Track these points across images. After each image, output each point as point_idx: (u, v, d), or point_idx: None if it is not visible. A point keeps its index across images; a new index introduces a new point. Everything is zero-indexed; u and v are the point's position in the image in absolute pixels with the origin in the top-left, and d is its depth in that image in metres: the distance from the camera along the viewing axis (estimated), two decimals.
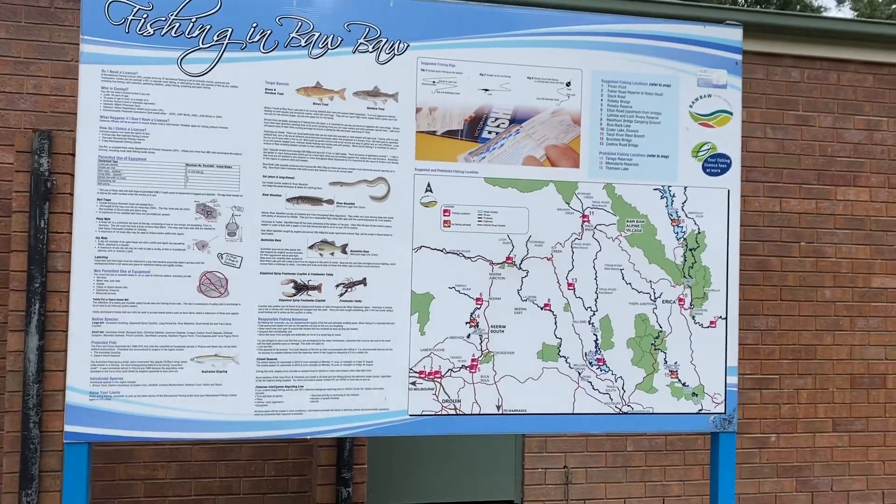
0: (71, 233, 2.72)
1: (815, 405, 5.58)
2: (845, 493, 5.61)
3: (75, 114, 2.65)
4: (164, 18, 2.63)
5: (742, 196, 5.50)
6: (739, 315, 5.39)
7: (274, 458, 4.84)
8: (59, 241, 3.84)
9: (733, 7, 5.66)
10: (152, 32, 2.63)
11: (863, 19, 6.01)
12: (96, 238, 2.59)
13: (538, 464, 5.24)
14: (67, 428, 2.56)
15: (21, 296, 3.87)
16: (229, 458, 4.77)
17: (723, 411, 2.98)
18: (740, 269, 5.41)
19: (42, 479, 3.84)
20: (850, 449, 5.63)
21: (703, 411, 2.97)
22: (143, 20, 2.62)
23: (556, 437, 5.26)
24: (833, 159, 5.64)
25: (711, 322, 2.98)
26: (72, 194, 3.11)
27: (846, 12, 24.04)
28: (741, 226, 5.41)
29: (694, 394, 2.96)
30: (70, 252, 2.94)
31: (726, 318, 3.00)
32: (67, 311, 2.78)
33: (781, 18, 5.58)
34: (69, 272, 2.69)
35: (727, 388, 2.99)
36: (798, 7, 20.60)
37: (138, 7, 2.61)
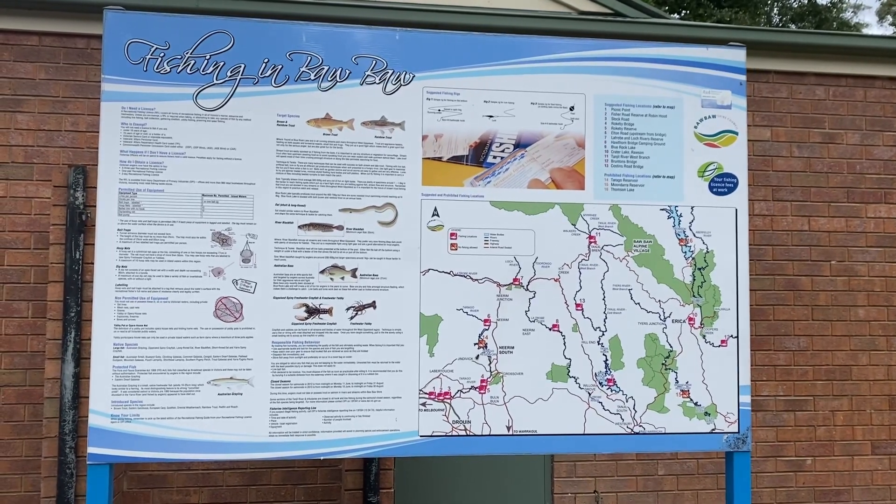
0: None
1: (852, 427, 5.46)
2: None
3: None
4: (179, 56, 2.76)
5: (769, 215, 5.48)
6: (770, 336, 5.40)
7: (304, 483, 4.90)
8: (93, 271, 3.98)
9: (745, 27, 5.65)
10: (169, 70, 2.75)
11: (885, 35, 5.92)
12: (117, 266, 2.71)
13: (567, 488, 5.21)
14: (90, 450, 2.64)
15: (57, 325, 4.03)
16: (260, 483, 4.85)
17: (736, 430, 2.95)
18: (770, 289, 5.42)
19: (77, 503, 3.96)
20: (891, 472, 5.48)
21: (715, 431, 2.95)
22: (160, 59, 2.75)
23: (586, 461, 5.23)
24: (862, 176, 5.55)
25: (722, 341, 2.96)
26: None
27: (887, 28, 23.66)
28: (770, 245, 5.43)
29: (706, 413, 2.95)
30: None
31: (737, 337, 2.97)
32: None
33: (802, 37, 5.56)
34: None
35: (740, 408, 2.95)
36: (834, 25, 20.36)
37: (156, 47, 2.75)
